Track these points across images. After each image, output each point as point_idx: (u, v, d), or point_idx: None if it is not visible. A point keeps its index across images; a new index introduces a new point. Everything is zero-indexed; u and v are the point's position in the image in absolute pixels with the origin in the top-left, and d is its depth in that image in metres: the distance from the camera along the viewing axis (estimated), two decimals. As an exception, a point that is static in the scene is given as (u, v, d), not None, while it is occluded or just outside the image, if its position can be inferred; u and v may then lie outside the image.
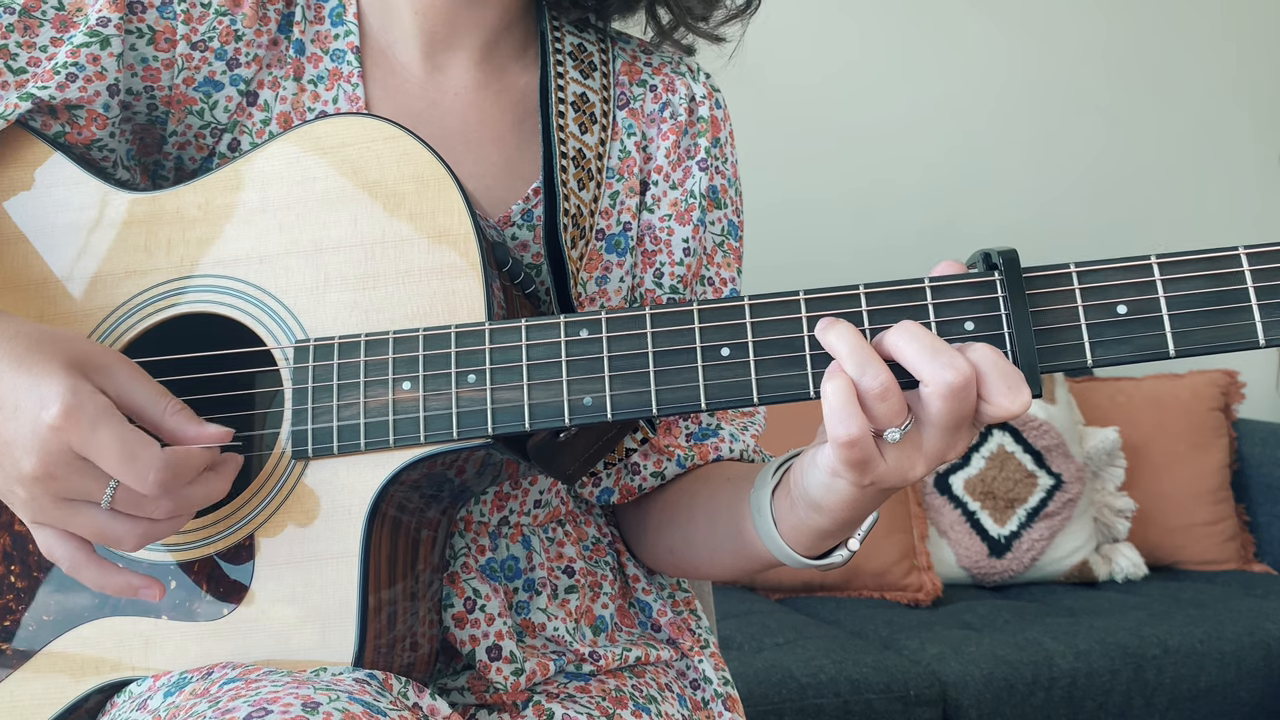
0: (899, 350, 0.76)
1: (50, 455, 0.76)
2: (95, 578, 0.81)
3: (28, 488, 0.77)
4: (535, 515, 1.03)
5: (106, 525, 0.78)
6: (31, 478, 0.76)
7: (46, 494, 0.77)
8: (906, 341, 0.76)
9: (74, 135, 0.96)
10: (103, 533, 0.79)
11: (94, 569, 0.81)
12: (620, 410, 0.82)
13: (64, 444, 0.76)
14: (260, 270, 0.90)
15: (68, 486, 0.77)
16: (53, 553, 0.80)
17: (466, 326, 0.84)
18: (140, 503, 0.78)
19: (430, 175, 0.89)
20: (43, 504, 0.78)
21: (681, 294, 1.07)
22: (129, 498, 0.77)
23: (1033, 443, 2.85)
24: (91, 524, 0.78)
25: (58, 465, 0.76)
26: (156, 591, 0.83)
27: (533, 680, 0.96)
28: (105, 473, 0.77)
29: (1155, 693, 2.36)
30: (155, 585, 0.82)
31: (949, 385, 0.74)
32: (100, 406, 0.77)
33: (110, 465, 0.76)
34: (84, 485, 0.77)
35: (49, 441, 0.76)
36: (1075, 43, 3.47)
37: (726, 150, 1.12)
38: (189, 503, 0.80)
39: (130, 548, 0.80)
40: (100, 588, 0.82)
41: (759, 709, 2.06)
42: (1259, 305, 0.76)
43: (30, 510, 0.79)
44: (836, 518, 0.83)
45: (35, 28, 0.95)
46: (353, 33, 1.03)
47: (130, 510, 0.78)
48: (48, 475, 0.76)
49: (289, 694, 0.73)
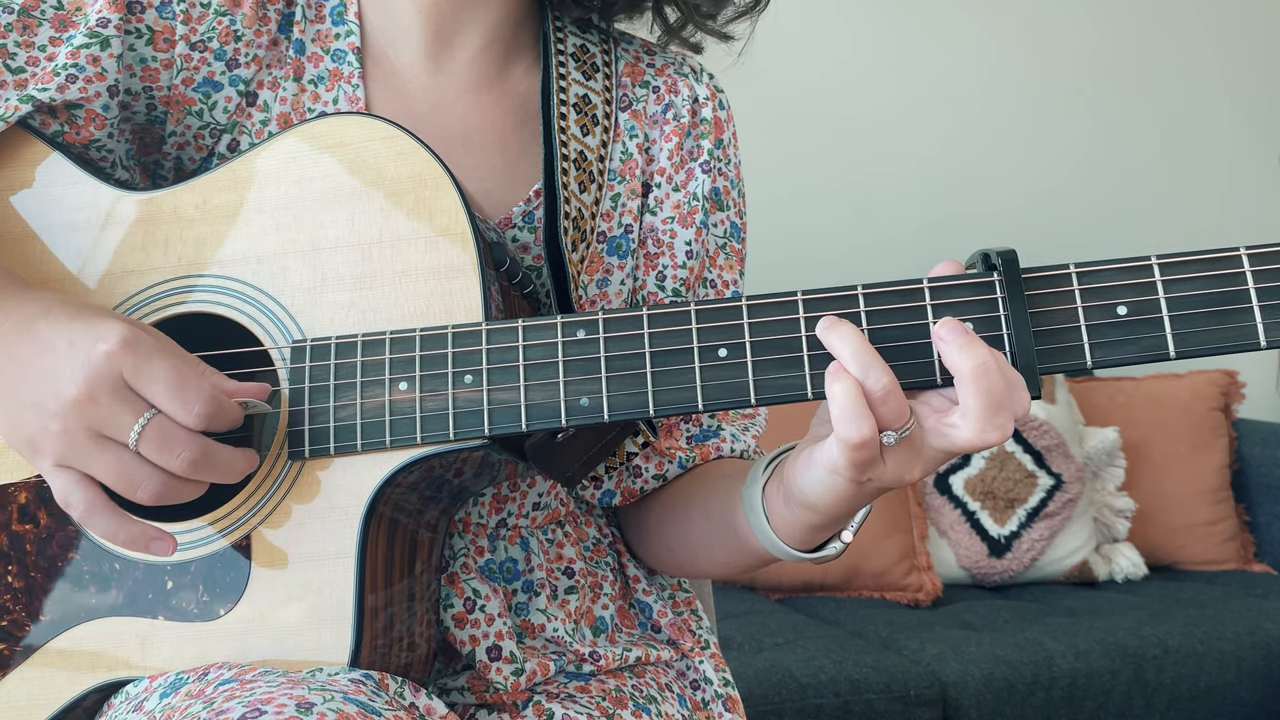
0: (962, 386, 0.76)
1: (97, 379, 0.78)
2: (108, 525, 0.81)
3: (64, 418, 0.78)
4: (534, 517, 1.03)
5: (130, 467, 0.79)
6: (73, 402, 0.78)
7: (81, 425, 0.78)
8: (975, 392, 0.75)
9: (72, 135, 0.96)
10: (125, 475, 0.79)
11: (108, 515, 0.81)
12: (617, 411, 0.82)
13: (115, 370, 0.78)
14: (257, 270, 0.90)
15: (105, 415, 0.78)
16: (69, 497, 0.80)
17: (463, 327, 0.84)
18: (170, 442, 0.78)
19: (428, 175, 0.88)
20: (75, 438, 0.79)
21: (684, 297, 1.07)
22: (158, 435, 0.78)
23: (1033, 443, 2.85)
24: (116, 464, 0.79)
25: (101, 389, 0.78)
26: (169, 545, 0.83)
27: (533, 680, 0.96)
28: (146, 405, 0.78)
29: (1155, 693, 2.36)
30: (168, 538, 0.83)
31: (987, 444, 0.75)
32: (154, 344, 0.80)
33: (159, 391, 0.78)
34: (121, 417, 0.78)
35: (100, 367, 0.78)
36: (1073, 37, 3.47)
37: (730, 151, 1.12)
38: (212, 460, 0.80)
39: (147, 497, 0.79)
40: (111, 536, 0.82)
41: (759, 709, 2.06)
42: (1260, 306, 0.75)
43: (59, 446, 0.79)
44: (831, 514, 0.83)
45: (34, 27, 0.95)
46: (354, 33, 1.02)
47: (157, 450, 0.78)
48: (90, 399, 0.78)
49: (283, 694, 0.73)
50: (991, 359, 0.75)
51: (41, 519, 0.90)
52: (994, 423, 0.74)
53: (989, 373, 0.74)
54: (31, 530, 0.90)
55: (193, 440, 0.79)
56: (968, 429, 0.75)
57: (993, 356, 0.75)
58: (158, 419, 0.78)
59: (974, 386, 0.74)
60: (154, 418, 0.78)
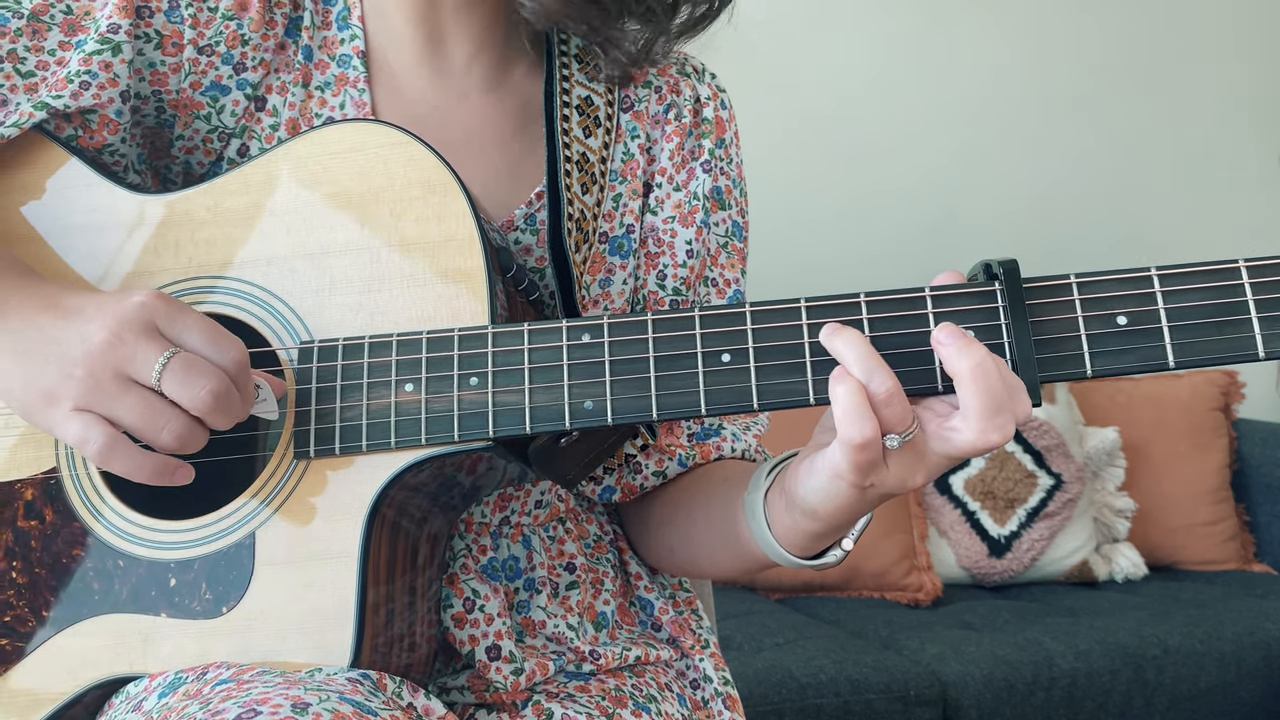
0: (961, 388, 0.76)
1: (127, 323, 0.79)
2: (128, 459, 0.80)
3: (90, 362, 0.78)
4: (536, 515, 1.04)
5: (155, 407, 0.79)
6: (103, 343, 0.78)
7: (107, 366, 0.78)
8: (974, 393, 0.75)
9: (86, 140, 0.96)
10: (149, 415, 0.79)
11: (126, 450, 0.80)
12: (621, 414, 0.82)
13: (147, 316, 0.79)
14: (267, 272, 0.90)
15: (130, 354, 0.78)
16: (86, 438, 0.79)
17: (469, 329, 0.85)
18: (193, 374, 0.78)
19: (437, 180, 0.89)
20: (99, 379, 0.78)
21: (685, 296, 1.07)
22: (182, 367, 0.78)
23: (1033, 443, 2.85)
24: (139, 405, 0.78)
25: (129, 329, 0.78)
26: (190, 472, 0.82)
27: (532, 680, 0.97)
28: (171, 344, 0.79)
29: (1155, 693, 2.36)
30: (187, 466, 0.82)
31: (989, 445, 0.75)
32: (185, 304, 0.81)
33: (193, 336, 0.80)
34: (146, 354, 0.78)
35: (131, 312, 0.79)
36: (1074, 45, 3.47)
37: (732, 151, 1.12)
38: (230, 403, 0.80)
39: (171, 438, 0.79)
40: (134, 471, 0.80)
41: (759, 709, 2.06)
42: (1259, 318, 0.76)
43: (80, 390, 0.79)
44: (833, 521, 0.83)
45: (44, 32, 0.95)
46: (358, 37, 1.03)
47: (180, 383, 0.78)
48: (117, 339, 0.78)
49: (279, 695, 0.73)
50: (989, 359, 0.75)
51: (47, 515, 0.90)
52: (994, 423, 0.75)
53: (987, 373, 0.75)
54: (36, 526, 0.90)
55: (216, 374, 0.79)
56: (968, 430, 0.76)
57: (990, 358, 0.75)
58: (182, 354, 0.78)
59: (973, 386, 0.75)
60: (178, 353, 0.78)
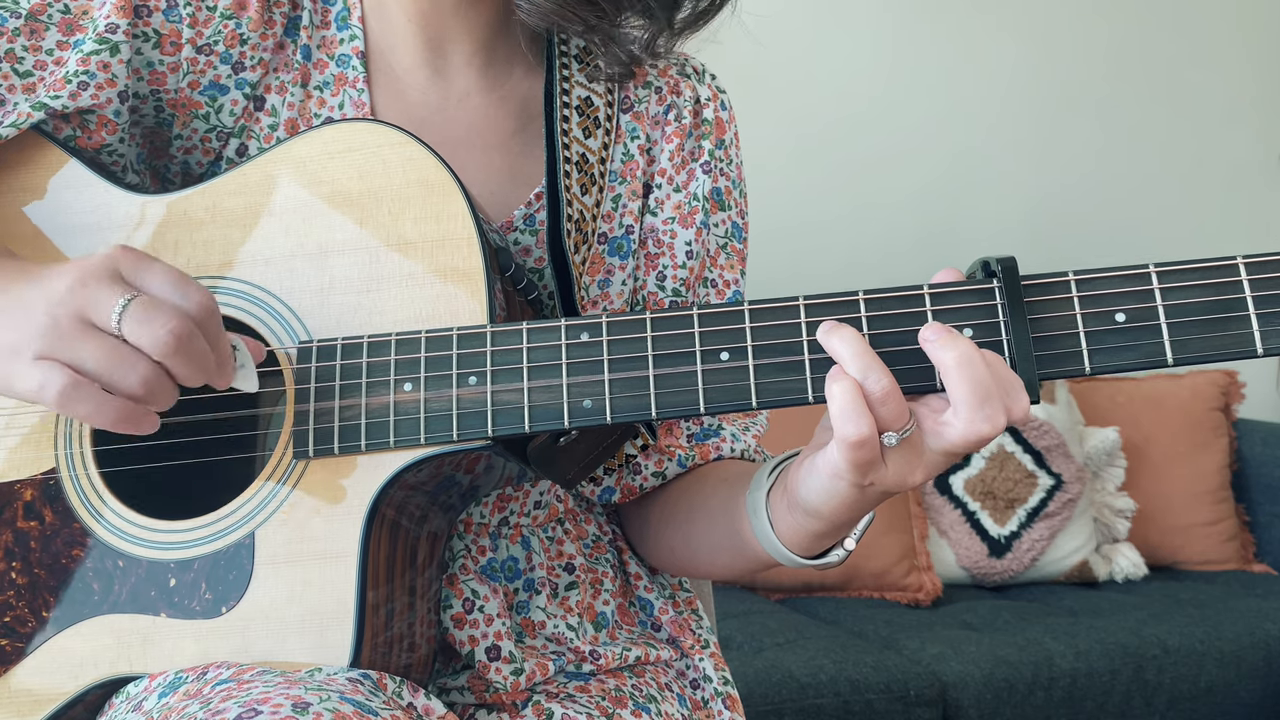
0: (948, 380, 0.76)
1: (90, 270, 0.77)
2: (89, 403, 0.77)
3: (51, 309, 0.77)
4: (535, 516, 1.04)
5: (118, 351, 0.76)
6: (62, 292, 0.77)
7: (68, 311, 0.76)
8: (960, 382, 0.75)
9: (84, 140, 0.96)
10: (112, 360, 0.76)
11: (88, 392, 0.77)
12: (619, 413, 0.82)
13: (111, 263, 0.78)
14: (266, 272, 0.90)
15: (91, 297, 0.76)
16: (47, 380, 0.76)
17: (468, 329, 0.85)
18: (153, 314, 0.76)
19: (435, 180, 0.89)
20: (59, 325, 0.76)
21: (684, 296, 1.07)
22: (141, 309, 0.76)
23: (1033, 443, 2.85)
24: (100, 349, 0.76)
25: (92, 276, 0.77)
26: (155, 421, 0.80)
27: (532, 680, 0.97)
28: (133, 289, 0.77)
29: (1155, 693, 2.36)
30: (153, 415, 0.79)
31: (980, 436, 0.75)
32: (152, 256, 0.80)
33: (157, 282, 0.78)
34: (107, 298, 0.76)
35: (96, 263, 0.78)
36: (1074, 47, 3.47)
37: (731, 152, 1.12)
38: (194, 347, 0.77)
39: (136, 382, 0.76)
40: (94, 415, 0.77)
41: (759, 709, 2.06)
42: (1257, 315, 0.76)
43: (45, 337, 0.76)
44: (834, 520, 0.83)
45: (41, 31, 0.95)
46: (358, 37, 1.02)
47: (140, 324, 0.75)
48: (79, 284, 0.77)
49: (279, 694, 0.73)
50: (974, 351, 0.75)
51: (46, 516, 0.90)
52: (983, 413, 0.75)
53: (972, 363, 0.75)
54: (36, 527, 0.90)
55: (177, 313, 0.76)
56: (958, 422, 0.76)
57: (976, 350, 0.76)
58: (142, 298, 0.76)
59: (958, 375, 0.75)
60: (138, 297, 0.76)
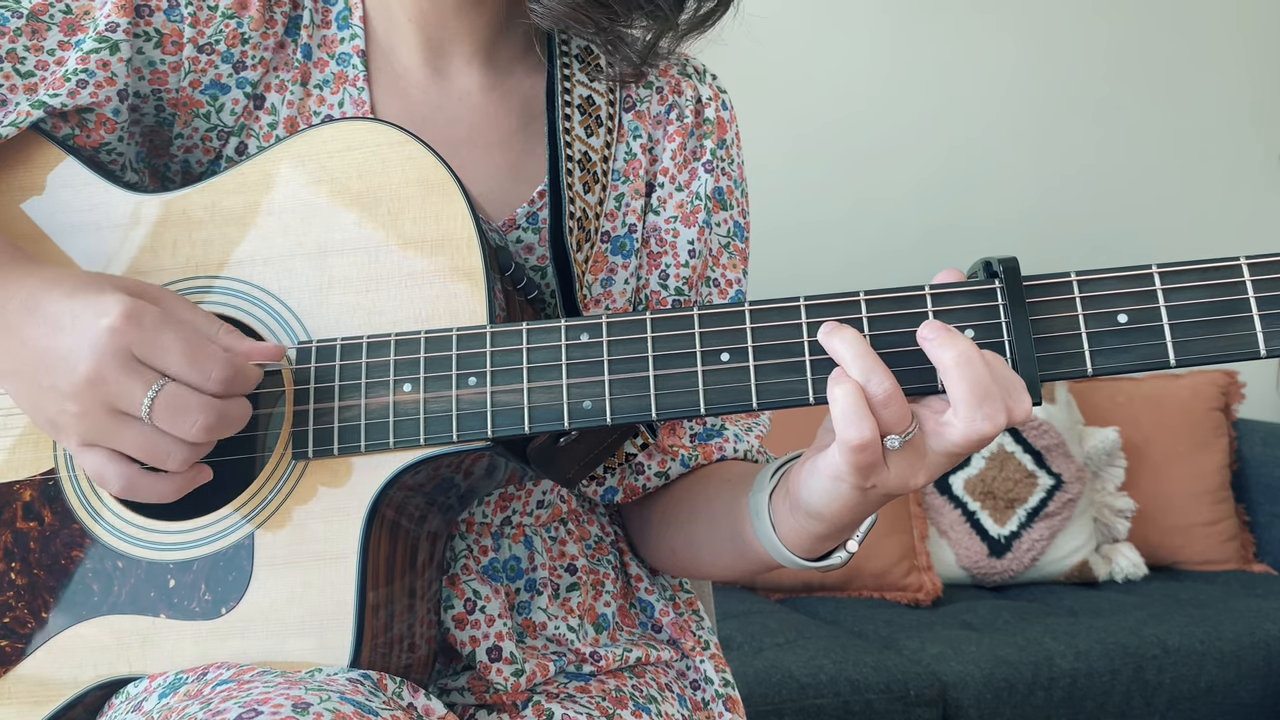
0: (947, 378, 0.76)
1: (105, 356, 0.78)
2: (152, 490, 0.82)
3: (80, 399, 0.79)
4: (538, 515, 1.04)
5: (153, 439, 0.80)
6: (85, 381, 0.78)
7: (98, 403, 0.79)
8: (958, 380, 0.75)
9: (83, 139, 0.96)
10: (150, 447, 0.80)
11: (147, 482, 0.82)
12: (620, 414, 0.82)
13: (122, 346, 0.79)
14: (264, 272, 0.90)
15: (117, 392, 0.79)
16: (104, 474, 0.81)
17: (468, 329, 0.85)
18: (181, 410, 0.79)
19: (435, 179, 0.89)
20: (94, 417, 0.80)
21: (687, 295, 1.07)
22: (169, 405, 0.79)
23: (1033, 443, 2.85)
24: (139, 438, 0.80)
25: (110, 367, 0.78)
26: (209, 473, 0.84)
27: (533, 681, 0.97)
28: (157, 376, 0.79)
29: (1155, 693, 2.36)
30: (206, 468, 0.84)
31: (981, 435, 0.75)
32: (159, 314, 0.80)
33: (173, 362, 0.79)
34: (132, 392, 0.79)
35: (106, 344, 0.78)
36: (1075, 45, 3.47)
37: (733, 151, 1.12)
38: (228, 421, 0.81)
39: (177, 464, 0.81)
40: (160, 497, 0.83)
41: (759, 709, 2.06)
42: (1260, 315, 0.76)
43: (82, 426, 0.80)
44: (836, 523, 0.83)
45: (43, 31, 0.95)
46: (359, 36, 1.02)
47: (170, 421, 0.79)
48: (99, 378, 0.78)
49: (280, 694, 0.73)
50: (973, 349, 0.75)
51: (46, 517, 0.90)
52: (983, 412, 0.74)
53: (970, 361, 0.75)
54: (35, 528, 0.90)
55: (205, 405, 0.79)
56: (959, 421, 0.75)
57: (975, 348, 0.75)
58: (168, 389, 0.79)
59: (957, 374, 0.75)
60: (164, 388, 0.79)
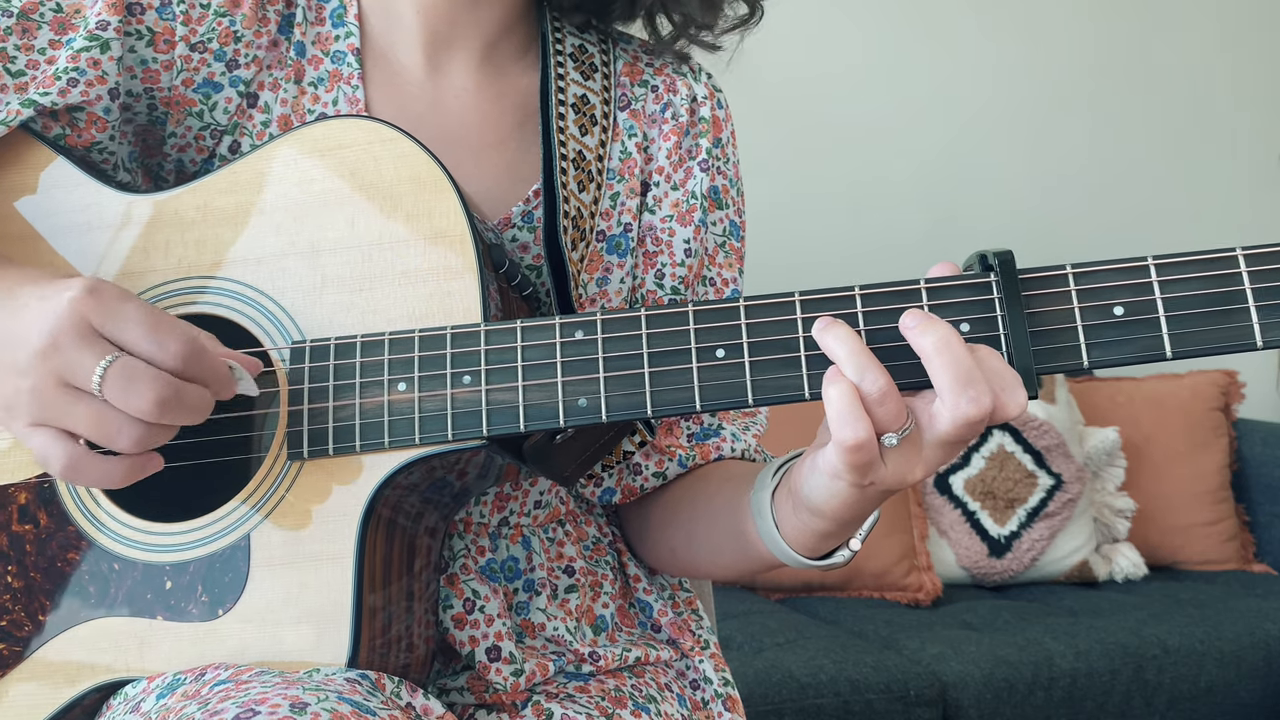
0: (929, 365, 0.75)
1: (62, 324, 0.76)
2: (96, 472, 0.79)
3: (32, 373, 0.77)
4: (535, 516, 1.03)
5: (105, 415, 0.76)
6: (38, 353, 0.76)
7: (49, 376, 0.76)
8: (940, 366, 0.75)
9: (74, 138, 0.96)
10: (101, 423, 0.76)
11: (91, 463, 0.78)
12: (615, 412, 0.82)
13: (80, 315, 0.76)
14: (257, 271, 0.90)
15: (68, 361, 0.76)
16: (48, 454, 0.78)
17: (462, 328, 0.84)
18: (134, 381, 0.75)
19: (427, 177, 0.89)
20: (44, 392, 0.77)
21: (683, 295, 1.07)
22: (121, 375, 0.75)
23: (1033, 443, 2.85)
24: (89, 413, 0.76)
25: (65, 335, 0.76)
26: (159, 462, 0.81)
27: (532, 681, 0.96)
28: (112, 349, 0.76)
29: (1155, 693, 2.36)
30: (156, 456, 0.80)
31: (967, 419, 0.74)
32: (123, 291, 0.78)
33: (131, 331, 0.76)
34: (83, 361, 0.76)
35: (65, 313, 0.76)
36: (1072, 40, 3.47)
37: (728, 150, 1.12)
38: (183, 399, 0.77)
39: (128, 443, 0.77)
40: (104, 480, 0.80)
41: (759, 709, 2.06)
42: (1256, 307, 0.75)
43: (32, 404, 0.77)
44: (838, 520, 0.83)
45: (34, 30, 0.95)
46: (353, 34, 1.02)
47: (121, 392, 0.75)
48: (54, 347, 0.76)
49: (277, 694, 0.73)
50: (951, 332, 0.75)
51: (41, 519, 0.90)
52: (967, 395, 0.74)
53: (949, 344, 0.74)
54: (31, 530, 0.90)
55: (158, 379, 0.76)
56: (944, 407, 0.75)
57: (953, 331, 0.75)
58: (121, 359, 0.76)
59: (938, 360, 0.74)
60: (117, 359, 0.76)
